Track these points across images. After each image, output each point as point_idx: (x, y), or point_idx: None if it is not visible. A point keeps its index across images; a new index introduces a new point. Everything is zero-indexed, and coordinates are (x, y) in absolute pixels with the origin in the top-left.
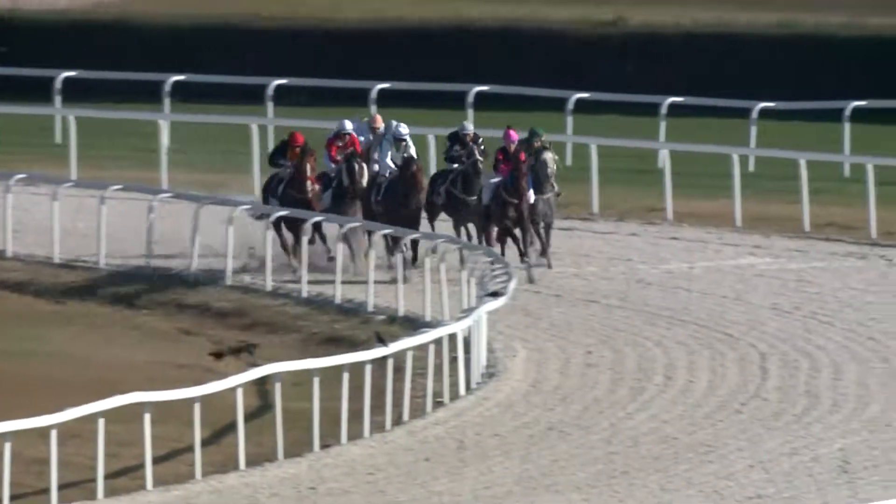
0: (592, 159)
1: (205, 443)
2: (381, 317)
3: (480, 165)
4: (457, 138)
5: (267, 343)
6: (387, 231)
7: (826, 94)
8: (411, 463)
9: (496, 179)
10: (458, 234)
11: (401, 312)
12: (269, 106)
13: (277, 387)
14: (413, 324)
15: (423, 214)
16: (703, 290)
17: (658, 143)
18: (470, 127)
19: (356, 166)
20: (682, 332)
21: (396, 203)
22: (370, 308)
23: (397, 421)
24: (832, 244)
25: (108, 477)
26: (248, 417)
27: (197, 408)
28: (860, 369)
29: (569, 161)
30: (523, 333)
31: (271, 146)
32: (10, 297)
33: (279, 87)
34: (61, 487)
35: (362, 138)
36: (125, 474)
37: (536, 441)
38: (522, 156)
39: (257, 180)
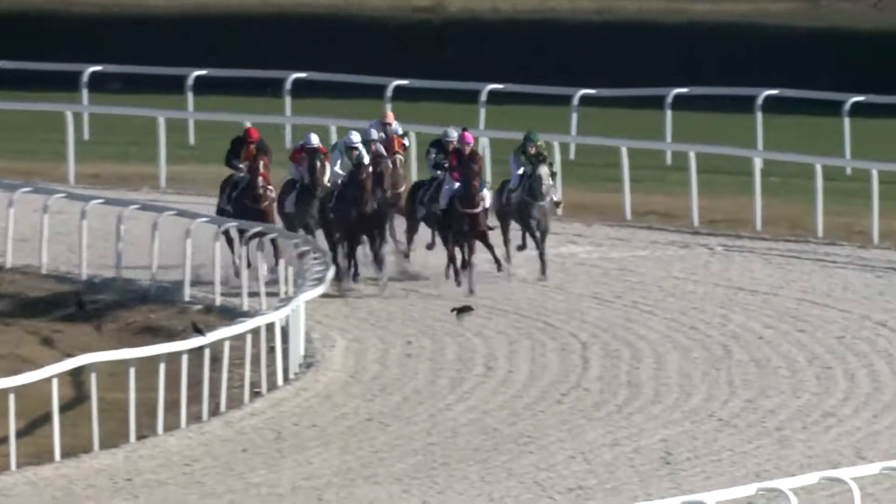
0: (412, 147)
1: (20, 434)
2: (198, 306)
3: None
4: (440, 145)
5: (81, 332)
6: (232, 224)
7: (647, 82)
8: (229, 454)
9: (450, 186)
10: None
11: (217, 302)
12: (85, 92)
13: (93, 377)
14: (230, 313)
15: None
16: (523, 280)
17: (478, 130)
18: (454, 133)
19: (317, 163)
20: (502, 321)
21: (347, 209)
22: (187, 297)
23: (214, 412)
24: (654, 232)
25: None
26: (64, 408)
27: (11, 399)
28: (682, 359)
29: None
30: (342, 323)
31: (87, 133)
32: None
33: (93, 73)
34: None
35: (377, 134)
36: None
37: (356, 432)
38: (478, 158)
39: (72, 168)
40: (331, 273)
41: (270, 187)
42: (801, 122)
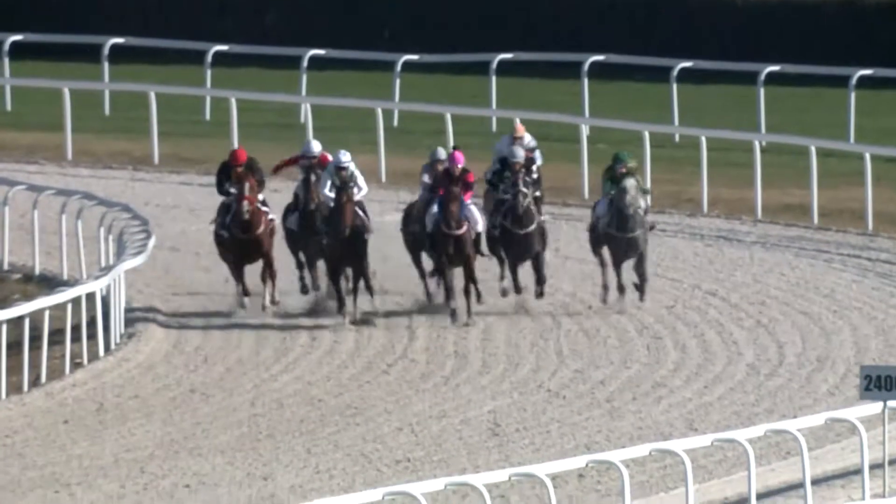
0: (232, 114)
1: None
2: (17, 275)
3: (522, 197)
4: (506, 163)
5: None
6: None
7: (475, 48)
8: (50, 425)
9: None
10: (515, 272)
11: (37, 271)
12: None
13: None
14: (50, 282)
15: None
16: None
17: (300, 97)
18: (520, 153)
19: (312, 177)
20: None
21: (332, 234)
22: (6, 266)
23: (35, 382)
24: (479, 198)
25: None
26: None
27: None
28: (510, 329)
29: (207, 116)
30: (163, 292)
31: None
32: None
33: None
34: None
35: (443, 154)
36: None
37: (178, 403)
38: (470, 178)
39: None
40: (152, 242)
41: (266, 209)
42: (629, 88)
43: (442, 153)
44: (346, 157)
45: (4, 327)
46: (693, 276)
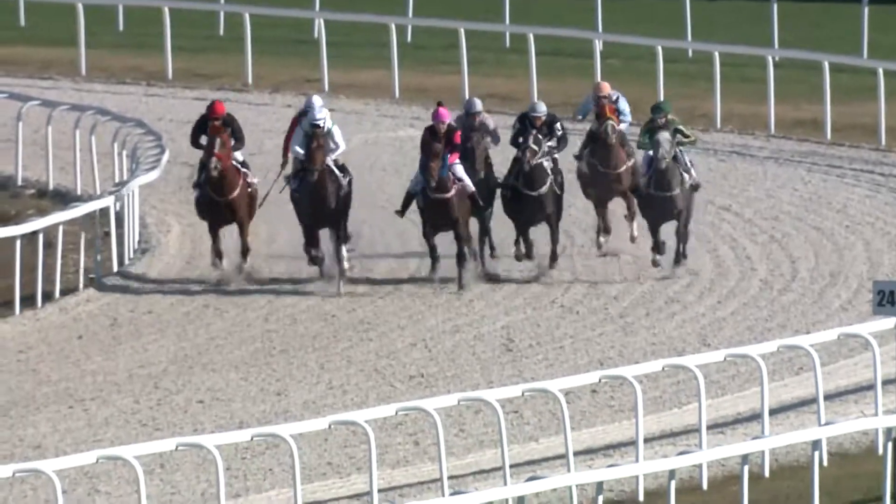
0: (246, 30)
1: None
2: (31, 191)
3: (529, 153)
4: (526, 120)
5: None
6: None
7: None
8: (64, 341)
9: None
10: (526, 235)
11: (51, 186)
12: None
13: None
14: (64, 198)
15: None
16: (360, 164)
17: (314, 12)
18: (542, 108)
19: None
20: None
21: (304, 192)
22: (20, 182)
23: (49, 298)
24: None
25: None
26: None
27: None
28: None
29: (221, 31)
30: (177, 208)
31: None
32: None
33: None
34: None
35: (479, 106)
36: None
37: (192, 319)
38: (455, 136)
39: None
40: (166, 157)
41: (245, 170)
42: (642, 3)
43: (478, 104)
44: (321, 113)
45: (19, 243)
46: (707, 191)
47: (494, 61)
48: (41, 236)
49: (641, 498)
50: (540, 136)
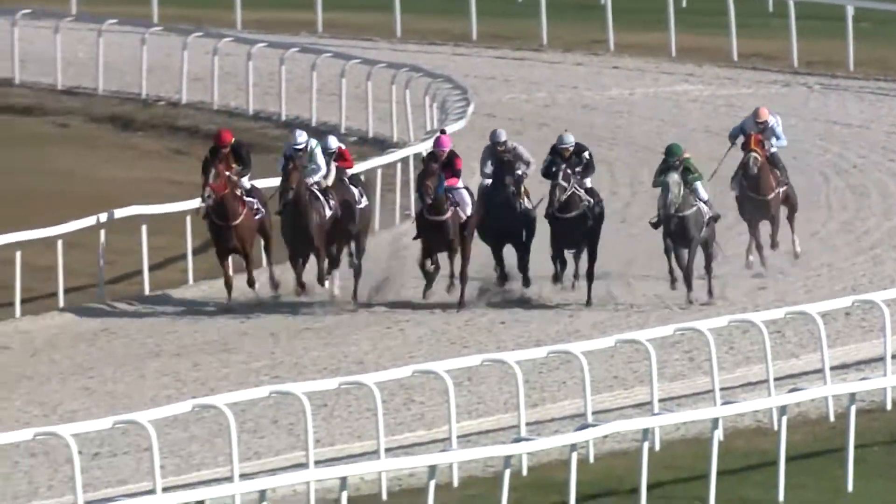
0: None
1: (196, 252)
2: (353, 138)
3: (559, 191)
4: (556, 152)
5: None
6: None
7: None
8: (382, 271)
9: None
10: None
11: (371, 134)
12: None
13: None
14: (382, 144)
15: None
16: (642, 115)
17: None
18: (570, 139)
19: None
20: (623, 152)
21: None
22: (343, 130)
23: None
24: (758, 73)
25: (109, 282)
26: None
27: (188, 220)
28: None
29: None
30: (481, 153)
31: None
32: (18, 121)
33: None
34: (67, 291)
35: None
36: (124, 280)
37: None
38: (457, 162)
39: (238, 14)
40: (471, 109)
41: (251, 199)
42: None
43: (503, 134)
44: (301, 136)
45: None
46: None
47: (758, 24)
48: (362, 178)
49: (889, 406)
50: (570, 171)
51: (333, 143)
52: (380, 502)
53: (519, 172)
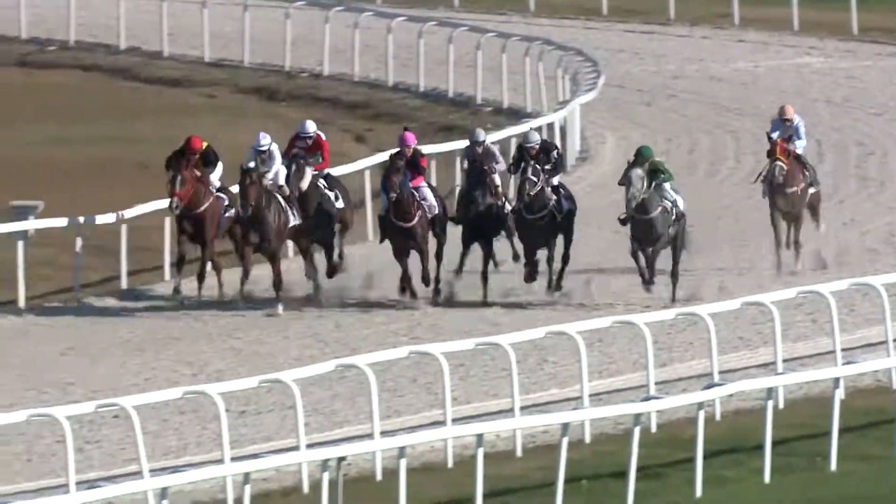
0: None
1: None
2: (489, 108)
3: (529, 184)
4: (522, 149)
5: (390, 130)
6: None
7: None
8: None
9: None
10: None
11: (505, 105)
12: None
13: None
14: (516, 114)
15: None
16: (766, 87)
17: None
18: (535, 137)
19: (293, 166)
20: (748, 122)
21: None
22: (479, 101)
23: None
24: (878, 46)
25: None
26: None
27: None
28: None
29: None
30: (611, 123)
31: None
32: (167, 92)
33: None
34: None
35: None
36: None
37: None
38: (421, 161)
39: None
40: (602, 80)
41: (220, 194)
42: None
43: (481, 134)
44: (265, 139)
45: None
46: None
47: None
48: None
49: None
50: (538, 167)
51: (311, 127)
52: (514, 458)
53: (495, 173)
